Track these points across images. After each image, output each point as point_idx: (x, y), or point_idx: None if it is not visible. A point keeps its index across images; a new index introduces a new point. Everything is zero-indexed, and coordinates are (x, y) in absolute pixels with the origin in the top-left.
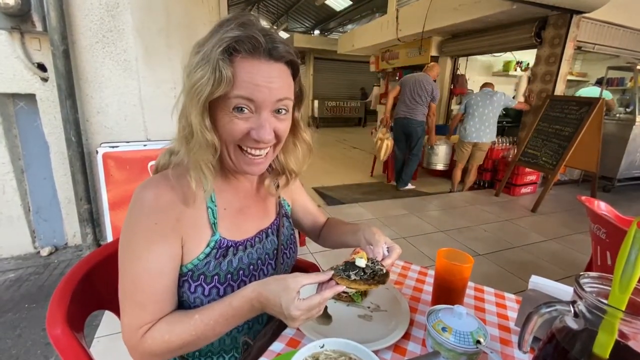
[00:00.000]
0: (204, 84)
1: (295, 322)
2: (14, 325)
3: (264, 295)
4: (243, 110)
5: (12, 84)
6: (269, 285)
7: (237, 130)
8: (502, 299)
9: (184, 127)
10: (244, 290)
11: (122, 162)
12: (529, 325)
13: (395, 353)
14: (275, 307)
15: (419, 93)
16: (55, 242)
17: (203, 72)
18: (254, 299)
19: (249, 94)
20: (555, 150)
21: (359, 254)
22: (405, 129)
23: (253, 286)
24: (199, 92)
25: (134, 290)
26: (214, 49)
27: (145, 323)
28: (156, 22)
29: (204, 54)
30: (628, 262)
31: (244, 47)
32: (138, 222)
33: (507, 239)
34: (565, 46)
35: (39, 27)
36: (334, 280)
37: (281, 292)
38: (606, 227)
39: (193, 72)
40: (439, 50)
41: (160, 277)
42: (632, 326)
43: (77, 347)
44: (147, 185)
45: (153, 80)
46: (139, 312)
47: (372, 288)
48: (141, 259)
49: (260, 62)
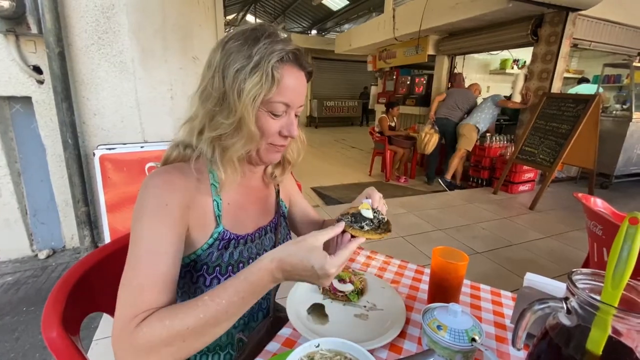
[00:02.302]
0: (261, 87)
1: (329, 279)
2: (12, 328)
3: (287, 262)
4: (278, 113)
5: (7, 87)
6: (290, 250)
7: (272, 128)
8: (498, 297)
9: (220, 123)
10: (260, 262)
11: (120, 164)
12: (523, 322)
13: (391, 352)
14: (305, 271)
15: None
16: (53, 245)
17: (259, 77)
18: (274, 269)
19: (289, 100)
20: (552, 148)
21: (362, 205)
22: (443, 128)
23: (270, 255)
24: (256, 93)
25: (132, 276)
26: (268, 58)
27: (141, 311)
28: (152, 23)
29: (258, 61)
30: (620, 258)
31: (290, 58)
32: (147, 203)
33: (505, 237)
34: (562, 44)
35: (34, 30)
36: (347, 232)
37: (308, 254)
38: (602, 223)
39: (249, 76)
40: (436, 49)
41: (162, 258)
42: (624, 322)
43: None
44: (159, 171)
45: (149, 81)
46: (135, 299)
47: (383, 237)
48: (144, 238)
49: (300, 72)
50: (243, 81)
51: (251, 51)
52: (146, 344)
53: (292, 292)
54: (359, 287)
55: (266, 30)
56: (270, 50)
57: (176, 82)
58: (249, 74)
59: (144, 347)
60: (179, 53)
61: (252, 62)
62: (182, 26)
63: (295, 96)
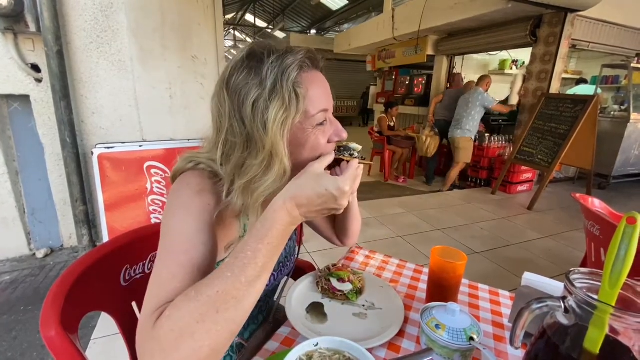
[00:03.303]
0: (287, 110)
1: (346, 198)
2: (9, 327)
3: (300, 196)
4: (324, 123)
5: (6, 85)
6: (298, 185)
7: (323, 143)
8: (497, 296)
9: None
10: (274, 206)
11: (118, 163)
12: (521, 321)
13: (390, 350)
14: (321, 198)
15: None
16: (51, 244)
17: (281, 100)
18: (290, 208)
19: (326, 105)
20: (550, 148)
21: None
22: (443, 129)
23: (281, 198)
24: (283, 119)
25: (162, 266)
26: (285, 76)
27: (165, 302)
28: (151, 22)
29: (273, 84)
30: (618, 257)
31: (308, 64)
32: (191, 202)
33: (503, 237)
34: (560, 44)
35: (33, 28)
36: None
37: (318, 181)
38: (600, 224)
39: (271, 103)
40: (435, 49)
41: (198, 248)
42: (622, 321)
43: (71, 348)
44: (195, 173)
45: (148, 80)
46: (159, 290)
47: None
48: (186, 222)
49: (319, 72)
50: (265, 111)
51: (260, 77)
52: (173, 329)
53: (291, 291)
54: (358, 287)
55: (264, 48)
56: (282, 67)
57: (175, 81)
58: (270, 101)
59: (170, 336)
60: (178, 52)
61: (267, 87)
62: (181, 25)
63: (327, 98)
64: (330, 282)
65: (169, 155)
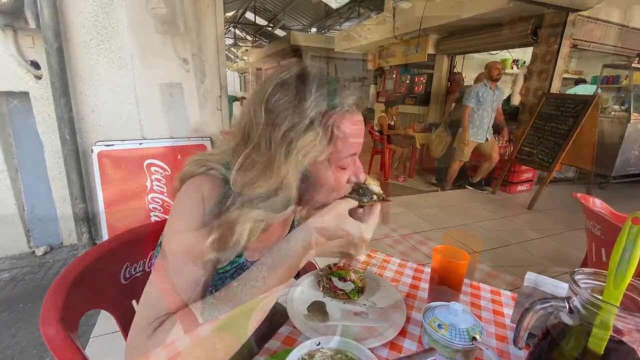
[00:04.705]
0: (314, 146)
1: (365, 245)
2: (8, 325)
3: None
4: (347, 166)
5: (5, 82)
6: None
7: (342, 182)
8: (498, 296)
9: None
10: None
11: (118, 161)
12: (524, 321)
13: (392, 350)
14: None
15: None
16: (51, 242)
17: (314, 135)
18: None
19: (356, 149)
20: (551, 148)
21: (369, 181)
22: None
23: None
24: (306, 156)
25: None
26: (327, 116)
27: (165, 312)
28: (151, 19)
29: (313, 118)
30: (622, 258)
31: (348, 103)
32: (198, 209)
33: (503, 237)
34: (561, 44)
35: (32, 25)
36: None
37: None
38: (601, 223)
39: (303, 134)
40: (436, 48)
41: (202, 259)
42: (626, 322)
43: (71, 346)
44: (203, 178)
45: (148, 78)
46: (163, 299)
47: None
48: (189, 232)
49: (359, 116)
50: (295, 139)
51: (303, 107)
52: (170, 350)
53: (292, 291)
54: (359, 286)
55: (315, 76)
56: (327, 106)
57: (175, 79)
58: (303, 132)
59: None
60: (179, 50)
61: (307, 119)
62: (181, 22)
63: (360, 142)
64: (332, 281)
65: (169, 153)
